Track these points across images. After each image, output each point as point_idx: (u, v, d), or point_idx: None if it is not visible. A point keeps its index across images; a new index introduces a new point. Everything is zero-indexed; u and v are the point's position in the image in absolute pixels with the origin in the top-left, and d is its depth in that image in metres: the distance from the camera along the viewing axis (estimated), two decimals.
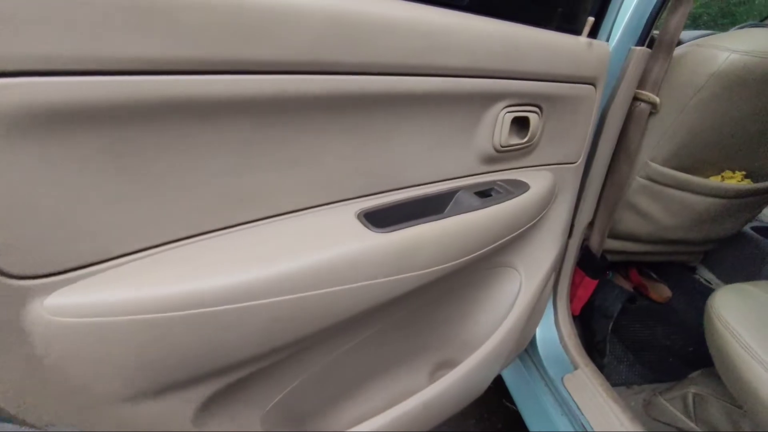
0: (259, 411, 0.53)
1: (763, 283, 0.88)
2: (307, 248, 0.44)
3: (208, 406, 0.44)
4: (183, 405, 0.41)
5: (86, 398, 0.36)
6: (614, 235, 1.21)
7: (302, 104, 0.41)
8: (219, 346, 0.40)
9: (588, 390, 0.98)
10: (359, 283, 0.47)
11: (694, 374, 1.07)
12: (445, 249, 0.55)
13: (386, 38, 0.44)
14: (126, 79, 0.31)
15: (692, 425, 0.98)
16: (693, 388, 1.01)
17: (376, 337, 0.63)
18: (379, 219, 0.51)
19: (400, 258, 0.50)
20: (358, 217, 0.50)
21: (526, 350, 1.14)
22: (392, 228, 0.50)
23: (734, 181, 1.09)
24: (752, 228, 1.50)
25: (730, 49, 0.81)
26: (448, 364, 0.76)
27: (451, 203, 0.61)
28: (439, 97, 0.53)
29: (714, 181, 1.07)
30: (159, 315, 0.35)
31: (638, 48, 0.83)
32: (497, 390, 1.45)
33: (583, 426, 0.93)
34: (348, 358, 0.61)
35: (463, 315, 0.77)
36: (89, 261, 0.35)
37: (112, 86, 0.31)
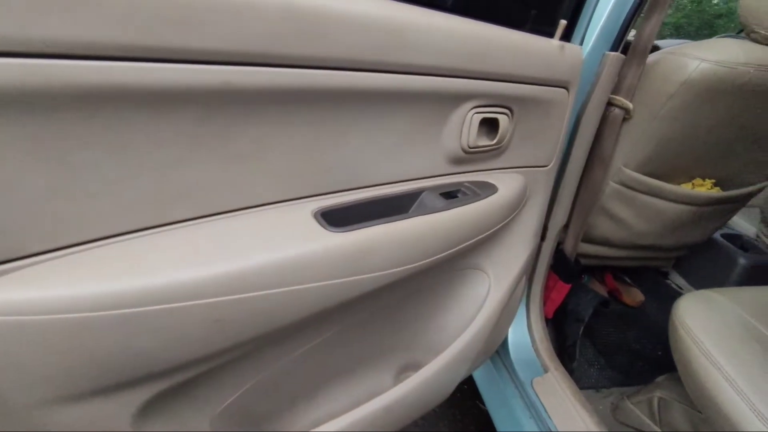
0: (209, 413, 0.51)
1: (726, 290, 0.89)
2: (257, 246, 0.42)
3: (148, 408, 0.42)
4: (118, 408, 0.39)
5: (4, 403, 0.33)
6: (589, 240, 1.22)
7: (250, 97, 0.40)
8: (156, 348, 0.38)
9: (556, 393, 0.98)
10: (313, 284, 0.45)
11: (660, 378, 1.08)
12: (406, 250, 0.54)
13: (345, 32, 0.42)
14: (40, 63, 0.29)
15: (657, 429, 0.99)
16: (658, 392, 1.02)
17: (337, 339, 0.61)
18: (337, 218, 0.49)
19: (357, 259, 0.48)
20: (315, 215, 0.48)
21: (498, 353, 1.14)
22: (350, 228, 0.49)
23: (704, 188, 1.11)
24: (722, 235, 1.53)
25: (700, 58, 0.82)
26: (413, 367, 0.75)
27: (415, 204, 0.60)
28: (403, 95, 0.52)
29: (685, 188, 1.08)
30: (86, 314, 0.33)
31: (612, 53, 0.83)
32: (471, 392, 1.45)
33: (550, 429, 0.93)
34: (307, 360, 0.59)
35: (429, 317, 0.76)
36: (3, 258, 0.32)
37: (23, 70, 0.28)
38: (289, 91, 0.42)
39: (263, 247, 0.42)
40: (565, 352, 1.22)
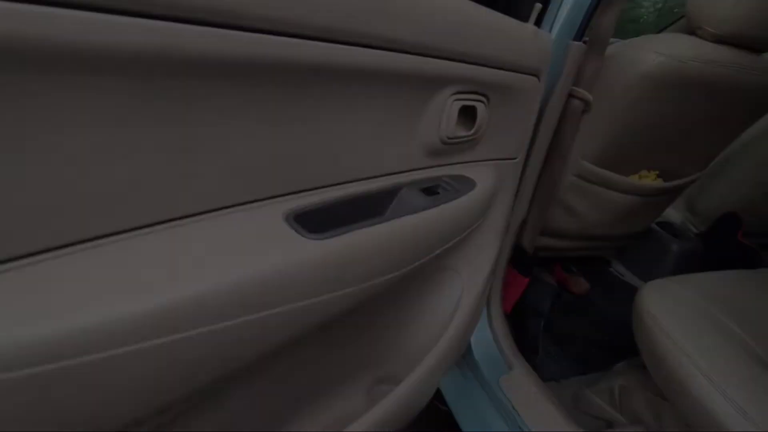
0: None
1: (680, 278, 0.93)
2: (218, 263, 0.33)
3: None
4: None
5: None
6: (543, 233, 1.23)
7: (196, 67, 0.30)
8: (81, 416, 0.27)
9: (523, 390, 0.97)
10: (289, 306, 0.36)
11: (619, 366, 1.12)
12: (391, 256, 0.47)
13: None
14: None
15: (618, 416, 1.01)
16: (619, 380, 1.05)
17: (305, 361, 0.53)
18: (313, 222, 0.41)
19: (339, 271, 0.40)
20: (287, 219, 0.39)
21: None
22: (330, 233, 0.40)
23: (649, 179, 1.15)
24: (657, 224, 1.63)
25: (657, 52, 0.83)
26: (387, 380, 0.68)
27: (394, 201, 0.53)
28: (382, 75, 0.44)
29: (632, 179, 1.12)
30: None
31: (576, 43, 0.82)
32: None
33: (519, 427, 0.91)
34: (271, 390, 0.50)
35: (403, 325, 0.70)
36: None
37: None
38: (245, 61, 0.32)
39: (226, 263, 0.33)
40: (526, 346, 1.22)
